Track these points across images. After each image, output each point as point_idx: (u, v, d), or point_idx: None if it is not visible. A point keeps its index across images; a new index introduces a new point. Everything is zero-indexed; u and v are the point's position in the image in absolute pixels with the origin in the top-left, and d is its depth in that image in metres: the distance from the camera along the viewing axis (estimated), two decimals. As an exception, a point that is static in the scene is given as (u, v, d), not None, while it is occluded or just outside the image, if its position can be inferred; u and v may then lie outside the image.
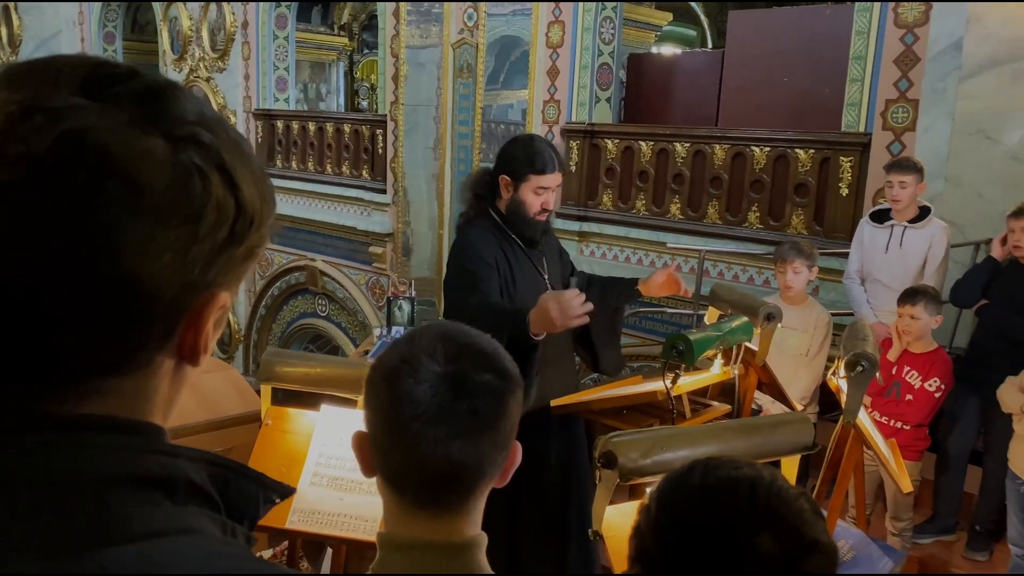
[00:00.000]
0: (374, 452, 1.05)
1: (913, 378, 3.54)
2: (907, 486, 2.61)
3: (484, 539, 1.06)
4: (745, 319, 2.63)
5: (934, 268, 3.95)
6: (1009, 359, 3.44)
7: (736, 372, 2.65)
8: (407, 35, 7.74)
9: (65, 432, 0.55)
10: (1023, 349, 3.43)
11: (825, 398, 3.98)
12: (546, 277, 2.84)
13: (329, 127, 8.93)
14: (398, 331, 5.50)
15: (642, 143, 6.50)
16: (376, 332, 6.00)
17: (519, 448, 1.08)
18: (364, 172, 8.54)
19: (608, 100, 6.96)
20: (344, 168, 8.75)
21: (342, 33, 12.78)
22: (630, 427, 2.62)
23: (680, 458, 1.85)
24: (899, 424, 3.53)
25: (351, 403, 2.41)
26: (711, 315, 3.22)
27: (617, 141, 6.64)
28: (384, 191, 8.19)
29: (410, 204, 7.96)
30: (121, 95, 0.56)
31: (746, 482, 0.85)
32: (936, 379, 3.51)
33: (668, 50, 10.42)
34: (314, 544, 2.49)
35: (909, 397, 3.53)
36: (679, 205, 6.35)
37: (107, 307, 0.55)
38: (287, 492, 0.73)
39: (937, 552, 3.80)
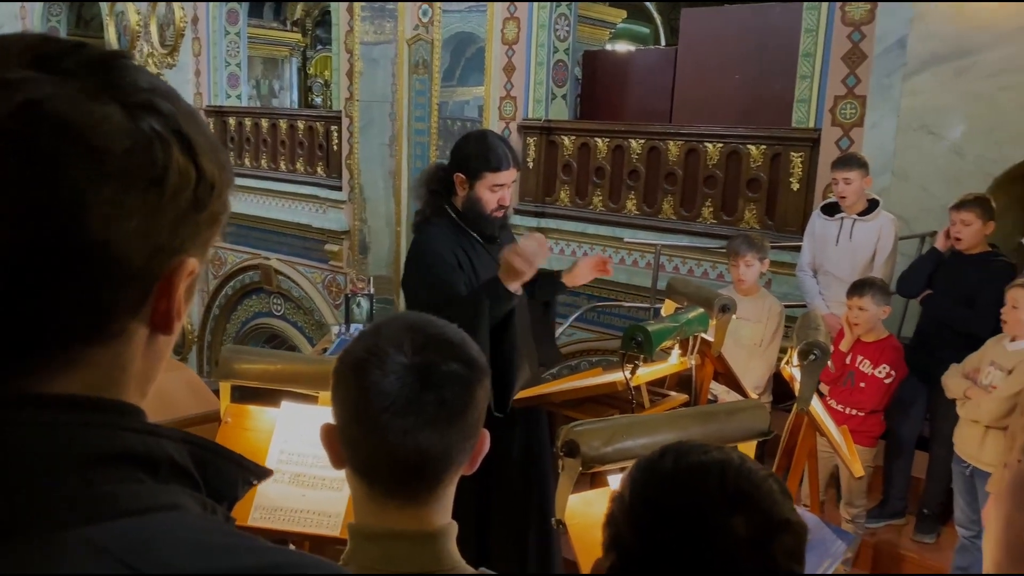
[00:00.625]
0: (343, 444, 1.06)
1: (865, 366, 3.64)
2: (858, 471, 2.69)
3: (454, 528, 1.08)
4: (701, 310, 2.68)
5: (883, 260, 4.07)
6: (952, 347, 3.56)
7: (693, 362, 2.70)
8: (361, 31, 7.69)
9: (45, 410, 0.55)
10: (965, 337, 3.54)
11: (778, 387, 4.07)
12: None
13: (283, 124, 8.83)
14: (357, 328, 5.47)
15: (598, 139, 6.56)
16: (334, 330, 5.96)
17: (487, 435, 1.10)
18: (319, 169, 8.47)
19: (564, 97, 7.01)
20: (298, 165, 8.67)
21: (295, 29, 12.64)
22: (591, 418, 2.66)
23: (640, 446, 1.88)
24: (854, 411, 3.63)
25: (312, 399, 2.40)
26: (667, 308, 3.28)
27: (574, 138, 6.69)
28: (340, 188, 8.13)
29: (366, 201, 7.92)
30: (72, 67, 0.57)
31: (716, 466, 0.86)
32: (886, 366, 3.61)
33: (622, 47, 10.51)
34: (275, 542, 2.47)
35: (863, 385, 3.63)
36: (635, 201, 6.42)
37: (77, 273, 0.55)
38: (265, 474, 0.74)
39: (888, 536, 3.91)
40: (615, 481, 1.96)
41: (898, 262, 4.53)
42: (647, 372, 2.47)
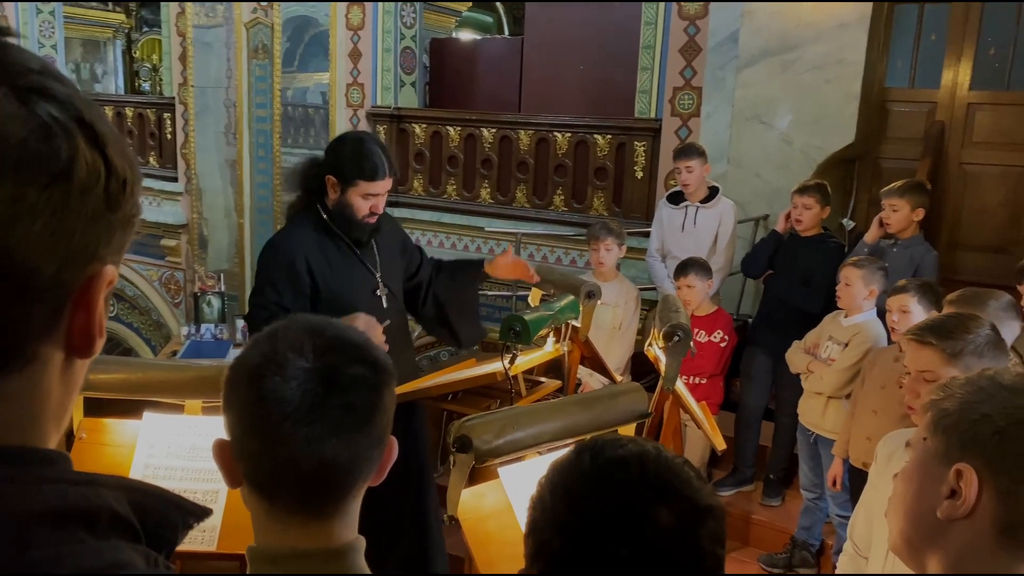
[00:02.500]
0: (239, 459, 0.98)
1: (701, 336, 3.92)
2: (720, 443, 2.84)
3: (362, 542, 1.02)
4: (571, 298, 2.73)
5: (724, 243, 4.32)
6: (794, 323, 3.83)
7: (566, 349, 2.75)
8: (193, 13, 7.27)
9: None
10: (805, 314, 3.82)
11: (636, 368, 4.25)
12: (378, 276, 2.76)
13: (108, 111, 8.20)
14: (208, 329, 5.19)
15: (450, 128, 6.55)
16: (184, 331, 5.61)
17: (395, 443, 1.04)
18: (152, 159, 7.95)
19: (413, 84, 6.94)
20: (128, 155, 8.08)
21: (118, 9, 11.74)
22: (471, 410, 2.66)
23: (531, 436, 1.91)
24: (696, 380, 3.87)
25: (177, 408, 2.25)
26: (534, 296, 3.33)
27: (425, 126, 6.64)
28: (175, 179, 7.67)
29: (203, 192, 7.52)
30: None
31: (635, 458, 0.86)
32: (719, 331, 3.95)
33: (467, 36, 10.53)
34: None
35: (700, 352, 3.90)
36: (489, 189, 6.47)
37: None
38: (205, 514, 0.68)
39: (737, 502, 4.17)
40: (505, 473, 1.98)
41: (736, 244, 4.84)
42: (525, 361, 2.50)
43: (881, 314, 3.39)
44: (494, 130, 6.43)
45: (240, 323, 5.14)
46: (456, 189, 6.59)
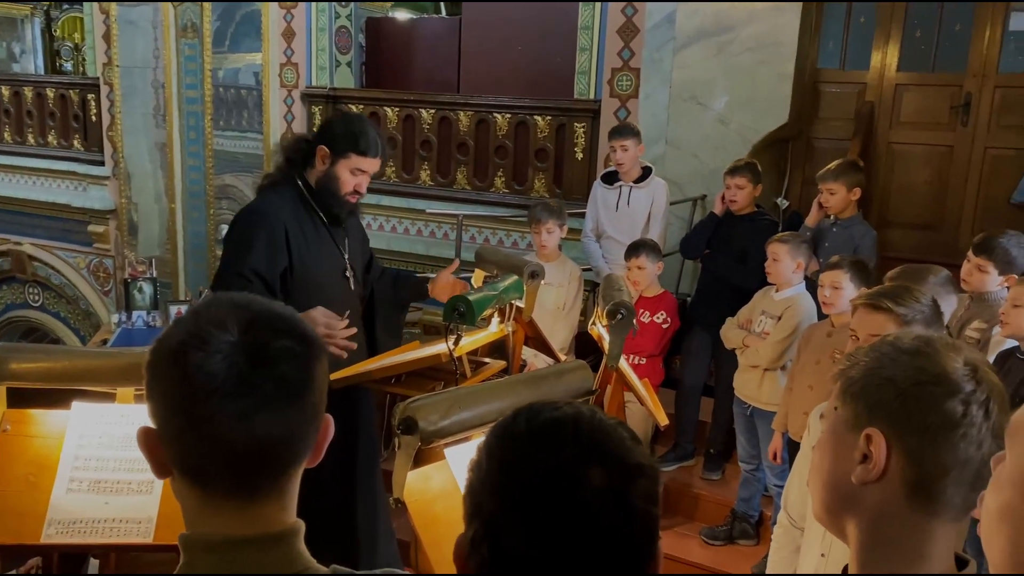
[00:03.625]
0: (166, 445, 0.93)
1: (645, 317, 3.96)
2: (663, 419, 2.87)
3: (301, 526, 0.99)
4: (515, 278, 2.72)
5: (657, 222, 4.38)
6: (731, 300, 3.90)
7: (510, 329, 2.75)
8: (117, -10, 6.99)
9: None
10: (742, 291, 3.89)
11: (579, 348, 4.27)
12: (346, 257, 2.76)
13: (28, 91, 7.88)
14: (140, 316, 5.02)
15: (387, 109, 6.45)
16: (114, 319, 5.41)
17: (331, 421, 1.01)
18: (76, 142, 7.65)
19: (349, 64, 6.81)
20: (50, 138, 7.77)
21: (35, -14, 11.23)
22: (414, 392, 2.63)
23: (477, 415, 1.89)
24: (637, 359, 3.91)
25: (108, 397, 2.17)
26: (477, 277, 3.31)
27: (362, 107, 6.53)
28: (102, 163, 7.40)
29: (132, 176, 7.27)
30: None
31: (568, 420, 0.86)
32: (663, 312, 4.01)
33: (403, 15, 10.37)
34: (73, 557, 2.23)
35: (643, 333, 3.94)
36: (429, 171, 6.41)
37: None
38: None
39: (679, 476, 4.24)
40: (451, 454, 1.96)
41: (673, 224, 4.90)
42: (470, 342, 2.48)
43: (812, 288, 3.48)
44: (433, 111, 6.36)
45: (174, 309, 4.99)
46: (395, 171, 6.50)
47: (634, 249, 3.99)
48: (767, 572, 2.66)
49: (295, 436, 0.94)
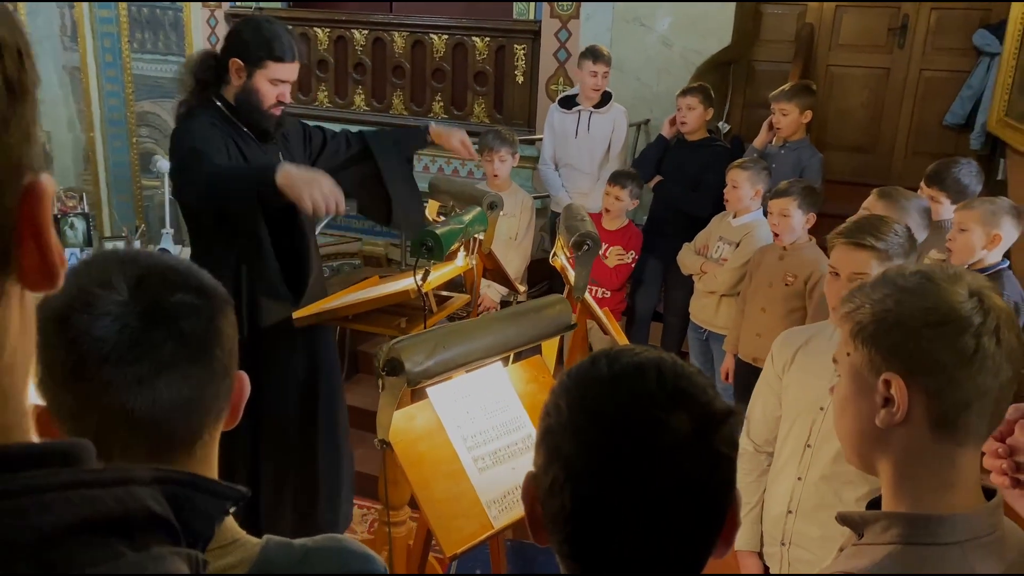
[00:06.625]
0: (61, 422, 0.85)
1: (610, 251, 3.94)
2: (628, 348, 2.89)
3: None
4: (479, 209, 2.65)
5: (618, 150, 4.32)
6: (682, 227, 3.91)
7: (474, 262, 2.69)
8: None
9: None
10: (693, 218, 3.90)
11: (530, 277, 4.26)
12: None
13: (-85, 10, 7.20)
14: (74, 254, 4.74)
15: (317, 30, 6.15)
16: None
17: (245, 378, 0.94)
18: (-26, 66, 7.07)
19: (275, -18, 6.44)
20: (-55, 61, 7.17)
21: None
22: (379, 329, 2.57)
23: (461, 354, 1.85)
24: (601, 293, 3.91)
25: None
26: (431, 207, 3.22)
27: (291, 27, 6.18)
28: (6, 89, 6.87)
29: (41, 103, 6.78)
30: None
31: (651, 365, 0.84)
32: (630, 250, 3.95)
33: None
34: None
35: (608, 266, 3.93)
36: (363, 96, 6.18)
37: None
38: (241, 497, 0.59)
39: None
40: (434, 393, 1.93)
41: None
42: (437, 276, 2.42)
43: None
44: (366, 32, 6.09)
45: (110, 247, 4.74)
46: (328, 96, 6.25)
47: (619, 179, 3.90)
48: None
49: (204, 396, 0.87)
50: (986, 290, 0.98)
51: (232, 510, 0.57)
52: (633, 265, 3.98)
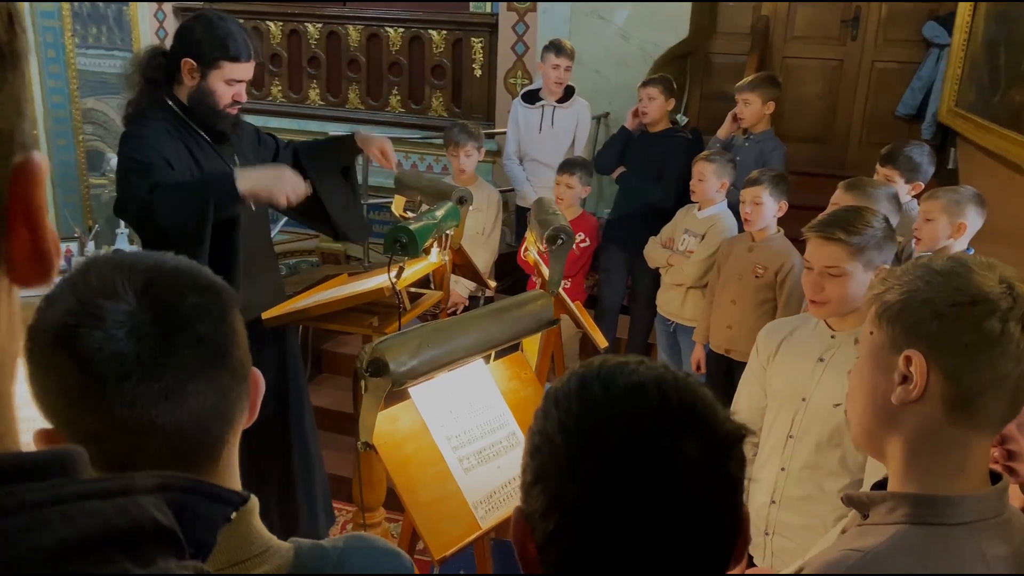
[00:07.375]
0: (81, 444, 0.78)
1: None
2: (603, 341, 2.88)
3: (254, 499, 0.85)
4: (451, 204, 2.61)
5: (582, 144, 4.32)
6: (647, 218, 3.91)
7: (447, 258, 2.65)
8: None
9: None
10: (658, 209, 3.91)
11: (497, 272, 4.22)
12: None
13: None
14: None
15: (270, 23, 6.03)
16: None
17: (259, 375, 0.90)
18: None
19: (224, -26, 6.28)
20: None
21: None
22: (350, 328, 2.52)
23: (446, 353, 1.82)
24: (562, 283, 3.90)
25: None
26: (398, 203, 3.17)
27: (242, 21, 6.04)
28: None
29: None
30: None
31: (651, 384, 0.75)
32: (581, 233, 3.94)
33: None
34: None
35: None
36: (318, 91, 6.07)
37: None
38: (243, 501, 0.55)
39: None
40: (417, 393, 1.88)
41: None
42: (411, 273, 2.37)
43: (732, 206, 3.53)
44: (320, 25, 5.99)
45: (64, 248, 4.56)
46: (281, 90, 6.13)
47: (568, 166, 3.88)
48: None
49: (229, 399, 0.83)
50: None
51: (233, 516, 0.53)
52: (588, 251, 3.99)
